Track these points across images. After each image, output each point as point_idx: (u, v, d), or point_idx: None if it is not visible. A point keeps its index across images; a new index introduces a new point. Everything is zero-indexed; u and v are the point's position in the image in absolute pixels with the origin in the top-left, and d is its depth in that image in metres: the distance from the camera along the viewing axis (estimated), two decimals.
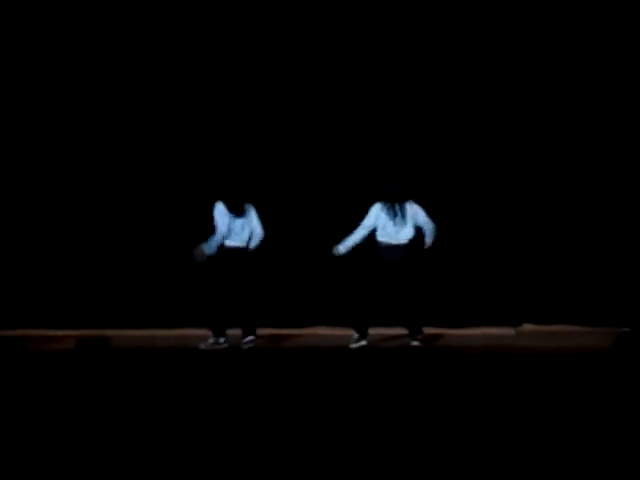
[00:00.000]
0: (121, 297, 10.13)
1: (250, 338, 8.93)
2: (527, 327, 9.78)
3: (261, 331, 9.13)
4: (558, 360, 7.46)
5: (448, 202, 9.86)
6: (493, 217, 9.95)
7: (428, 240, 8.88)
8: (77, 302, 10.14)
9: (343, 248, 8.82)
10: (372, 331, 8.85)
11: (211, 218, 8.93)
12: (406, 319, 8.76)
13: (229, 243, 8.97)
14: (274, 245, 9.91)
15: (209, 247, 8.87)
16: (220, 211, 8.92)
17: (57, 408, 5.14)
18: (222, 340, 8.93)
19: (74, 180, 10.27)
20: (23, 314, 10.11)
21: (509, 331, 9.69)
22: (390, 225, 8.75)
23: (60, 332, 9.76)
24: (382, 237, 8.78)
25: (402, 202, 8.79)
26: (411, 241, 8.79)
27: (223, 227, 8.89)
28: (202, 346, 8.90)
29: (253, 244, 9.11)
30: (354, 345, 8.69)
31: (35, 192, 10.29)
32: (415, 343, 8.67)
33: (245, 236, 9.03)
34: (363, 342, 8.71)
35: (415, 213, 8.81)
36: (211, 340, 8.93)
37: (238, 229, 8.97)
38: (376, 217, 8.78)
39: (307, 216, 10.05)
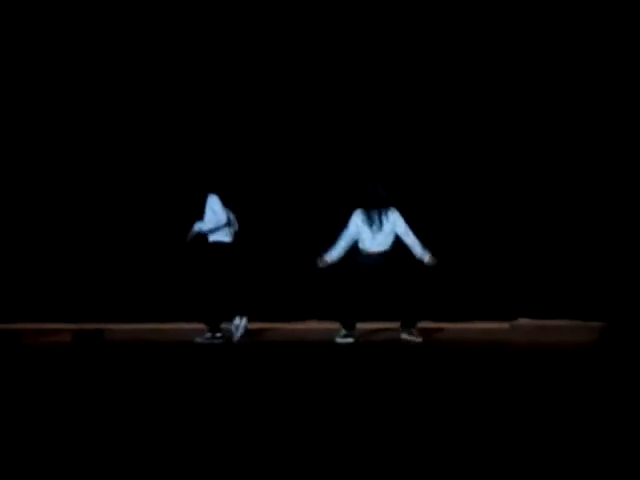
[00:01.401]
0: (117, 291, 10.17)
1: (235, 324, 8.90)
2: (522, 321, 9.80)
3: (253, 325, 9.18)
4: (553, 354, 7.49)
5: (443, 198, 9.88)
6: (489, 213, 9.98)
7: (417, 252, 8.63)
8: (73, 296, 10.18)
9: (329, 259, 8.70)
10: (364, 325, 8.86)
11: (203, 210, 8.93)
12: (400, 312, 8.72)
13: (219, 239, 8.95)
14: (265, 239, 9.97)
15: (200, 228, 8.83)
16: (218, 202, 8.90)
17: (53, 401, 5.16)
18: (219, 335, 8.95)
19: (70, 176, 10.32)
20: (20, 308, 10.14)
21: (504, 325, 9.71)
22: (366, 232, 8.61)
23: (56, 325, 9.78)
24: (361, 244, 8.69)
25: (383, 208, 8.64)
26: (392, 247, 8.66)
27: (223, 216, 8.87)
28: (198, 340, 8.92)
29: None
30: (340, 340, 8.67)
31: (31, 188, 10.33)
32: (405, 336, 8.65)
33: (234, 230, 9.04)
34: (349, 339, 8.67)
35: (395, 221, 8.64)
36: (208, 335, 8.95)
37: (229, 224, 8.97)
38: (353, 225, 8.65)
39: (298, 211, 10.07)
